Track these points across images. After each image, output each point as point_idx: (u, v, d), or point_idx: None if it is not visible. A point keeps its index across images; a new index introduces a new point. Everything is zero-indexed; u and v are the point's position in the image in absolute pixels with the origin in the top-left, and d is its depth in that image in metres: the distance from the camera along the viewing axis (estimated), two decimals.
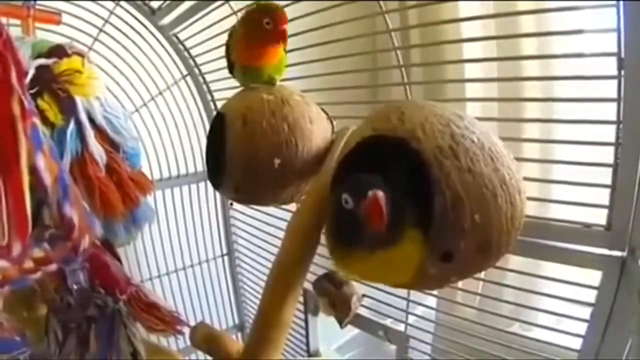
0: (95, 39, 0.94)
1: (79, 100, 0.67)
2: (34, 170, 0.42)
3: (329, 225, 0.47)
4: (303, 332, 0.98)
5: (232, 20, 0.85)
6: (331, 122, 0.68)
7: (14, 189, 0.38)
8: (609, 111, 0.48)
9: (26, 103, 0.40)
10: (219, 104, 1.07)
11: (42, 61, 0.65)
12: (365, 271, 0.46)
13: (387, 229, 0.39)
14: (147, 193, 0.79)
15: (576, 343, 0.56)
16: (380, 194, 0.38)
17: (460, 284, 0.69)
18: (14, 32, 0.77)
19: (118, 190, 0.72)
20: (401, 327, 0.78)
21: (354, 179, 0.41)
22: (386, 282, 0.49)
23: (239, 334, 1.32)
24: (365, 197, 0.38)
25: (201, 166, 1.15)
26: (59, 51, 0.68)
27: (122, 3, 0.96)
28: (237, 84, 0.70)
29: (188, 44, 1.04)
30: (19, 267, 0.43)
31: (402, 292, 0.76)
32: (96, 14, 0.94)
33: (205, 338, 0.76)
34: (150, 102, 1.05)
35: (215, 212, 1.22)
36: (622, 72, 0.45)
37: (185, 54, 1.06)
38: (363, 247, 0.41)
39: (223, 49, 0.90)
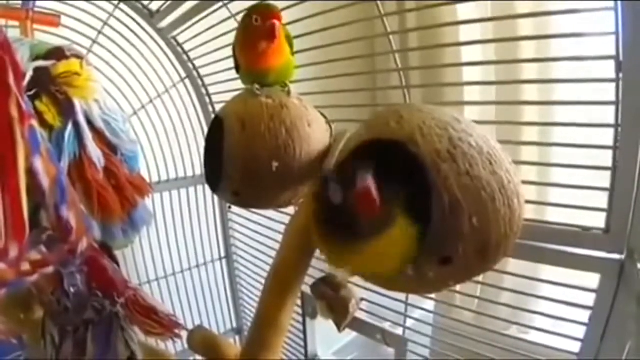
0: (94, 42, 0.94)
1: (77, 102, 0.67)
2: (31, 173, 0.42)
3: (317, 220, 0.47)
4: (301, 335, 0.97)
5: (231, 23, 0.85)
6: (329, 126, 0.68)
7: (11, 191, 0.38)
8: (608, 114, 0.48)
9: (24, 105, 0.40)
10: (218, 107, 1.07)
11: (40, 63, 0.64)
12: (356, 262, 0.46)
13: (379, 214, 0.39)
14: (145, 196, 0.79)
15: (575, 346, 0.56)
16: (370, 179, 0.40)
17: (458, 287, 0.69)
18: (13, 33, 0.77)
19: (116, 193, 0.72)
20: (399, 330, 0.78)
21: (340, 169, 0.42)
22: (377, 270, 0.47)
23: (237, 337, 1.32)
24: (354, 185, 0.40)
25: (199, 169, 1.15)
26: (57, 53, 0.68)
27: (121, 5, 0.96)
28: (235, 86, 0.70)
29: (187, 46, 1.04)
30: (16, 269, 0.42)
31: (401, 295, 0.76)
32: (95, 16, 0.94)
33: (203, 342, 0.76)
34: (149, 104, 1.05)
35: (214, 215, 1.22)
36: (621, 75, 0.45)
37: (184, 56, 1.06)
38: (353, 236, 0.42)
39: (222, 52, 0.90)
